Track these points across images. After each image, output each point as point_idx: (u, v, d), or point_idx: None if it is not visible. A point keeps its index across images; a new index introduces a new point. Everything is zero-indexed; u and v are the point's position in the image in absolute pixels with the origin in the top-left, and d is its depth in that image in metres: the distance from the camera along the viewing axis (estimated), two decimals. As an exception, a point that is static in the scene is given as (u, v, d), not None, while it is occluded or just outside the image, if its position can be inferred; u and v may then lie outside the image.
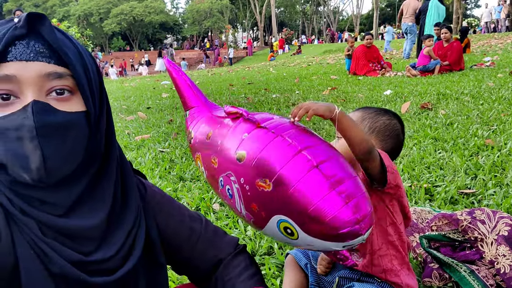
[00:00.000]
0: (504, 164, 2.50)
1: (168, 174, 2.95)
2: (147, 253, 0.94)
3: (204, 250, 1.02)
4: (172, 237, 0.99)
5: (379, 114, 1.37)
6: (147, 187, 1.00)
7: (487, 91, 5.11)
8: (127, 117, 5.64)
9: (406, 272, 1.34)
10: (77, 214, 0.80)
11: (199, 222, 1.04)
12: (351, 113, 1.40)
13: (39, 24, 0.73)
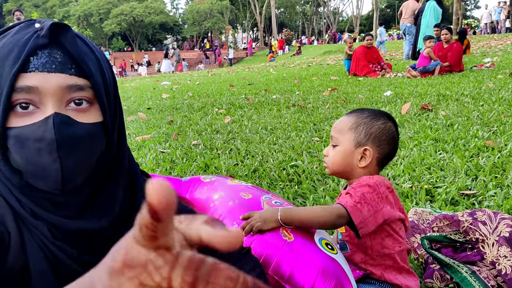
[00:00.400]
0: (505, 165, 2.51)
1: (169, 174, 2.96)
2: None
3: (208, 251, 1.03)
4: None
5: (373, 118, 1.36)
6: None
7: (487, 92, 5.12)
8: (128, 118, 5.65)
9: (404, 275, 1.35)
10: (88, 216, 0.80)
11: None
12: (345, 117, 1.39)
13: (62, 34, 0.73)
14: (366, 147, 1.33)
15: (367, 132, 1.34)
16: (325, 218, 1.21)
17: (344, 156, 1.35)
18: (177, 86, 10.36)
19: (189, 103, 6.64)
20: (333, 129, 1.40)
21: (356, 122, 1.35)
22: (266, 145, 3.52)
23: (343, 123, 1.38)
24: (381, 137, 1.34)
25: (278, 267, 1.14)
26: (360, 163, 1.34)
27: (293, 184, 2.54)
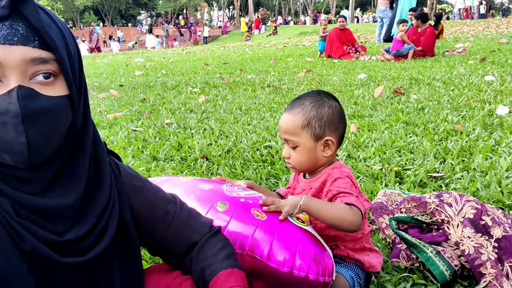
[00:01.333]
0: (472, 149, 2.58)
1: (141, 153, 2.92)
2: (120, 235, 0.93)
3: (178, 232, 1.02)
4: (147, 219, 0.99)
5: (318, 107, 1.33)
6: (121, 169, 0.98)
7: (458, 77, 5.22)
8: (99, 95, 5.53)
9: (367, 253, 1.38)
10: (52, 193, 0.79)
11: (174, 204, 1.04)
12: (289, 115, 1.35)
13: (23, 5, 0.70)
14: (326, 137, 1.32)
15: (320, 124, 1.32)
16: (342, 218, 1.20)
17: (308, 154, 1.34)
18: (151, 64, 10.19)
19: (162, 81, 6.55)
20: (284, 132, 1.35)
21: (306, 119, 1.32)
22: (240, 126, 3.52)
23: (292, 124, 1.33)
24: (333, 121, 1.33)
25: (256, 247, 1.15)
26: (326, 152, 1.34)
27: (266, 165, 2.56)
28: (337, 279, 1.29)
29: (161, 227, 1.01)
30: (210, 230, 1.06)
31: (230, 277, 0.96)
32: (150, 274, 1.08)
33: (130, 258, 0.96)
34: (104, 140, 1.04)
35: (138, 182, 1.01)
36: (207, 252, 1.01)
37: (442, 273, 1.33)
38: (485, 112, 3.41)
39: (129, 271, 0.96)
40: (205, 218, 1.10)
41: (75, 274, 0.85)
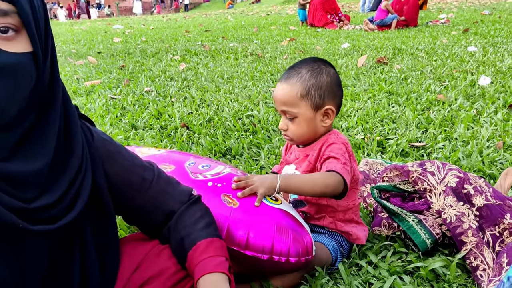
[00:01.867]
0: (454, 119, 2.58)
1: (120, 121, 2.85)
2: (94, 202, 0.89)
3: (156, 200, 0.98)
4: (123, 186, 0.95)
5: (316, 75, 1.27)
6: (94, 134, 0.93)
7: (441, 47, 5.21)
8: (77, 62, 5.37)
9: (354, 225, 1.38)
10: (19, 158, 0.74)
11: (151, 172, 1.00)
12: (286, 85, 1.28)
13: None
14: (326, 106, 1.28)
15: (320, 93, 1.26)
16: (324, 185, 1.16)
17: (308, 125, 1.29)
18: (130, 31, 9.92)
19: (142, 48, 6.38)
20: (281, 103, 1.28)
21: (304, 88, 1.26)
22: (222, 94, 3.45)
23: (290, 95, 1.26)
24: (332, 89, 1.28)
25: (232, 236, 1.10)
26: (325, 122, 1.30)
27: (248, 134, 2.52)
28: (319, 249, 1.28)
29: (138, 194, 0.97)
30: (190, 199, 1.02)
31: (209, 247, 0.93)
32: (127, 243, 1.05)
33: (104, 224, 0.92)
34: (77, 105, 0.98)
35: (113, 147, 0.96)
36: (185, 221, 0.98)
37: (423, 242, 1.33)
38: (467, 82, 3.40)
39: (103, 238, 0.93)
40: (184, 186, 1.06)
41: (47, 242, 0.82)
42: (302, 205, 1.36)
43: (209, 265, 0.90)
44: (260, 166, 2.06)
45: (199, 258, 0.91)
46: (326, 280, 1.23)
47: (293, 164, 1.38)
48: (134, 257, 0.99)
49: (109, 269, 0.94)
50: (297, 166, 1.37)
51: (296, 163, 1.37)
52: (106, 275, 0.94)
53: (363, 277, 1.26)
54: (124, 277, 0.97)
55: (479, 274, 1.23)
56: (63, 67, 5.07)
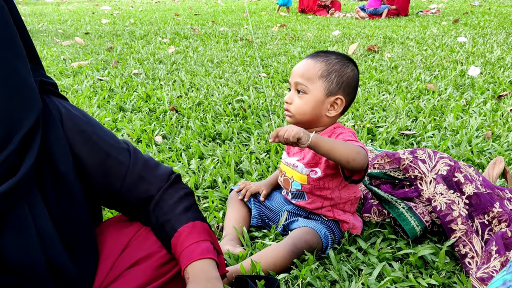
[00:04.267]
0: (443, 108, 2.59)
1: (107, 103, 2.80)
2: (56, 186, 0.83)
3: (133, 185, 0.93)
4: (96, 170, 0.89)
5: (343, 65, 1.29)
6: (63, 110, 0.86)
7: (431, 37, 5.22)
8: (63, 42, 5.26)
9: (350, 215, 1.38)
10: None
11: (127, 154, 0.94)
12: (311, 61, 1.28)
13: None
14: (338, 96, 1.28)
15: (339, 81, 1.27)
16: (356, 151, 1.15)
17: (314, 105, 1.27)
18: (118, 12, 9.75)
19: (130, 30, 6.28)
20: (299, 75, 1.28)
21: (327, 70, 1.27)
22: (211, 79, 3.42)
23: (311, 70, 1.27)
24: (350, 85, 1.30)
25: None
26: (330, 112, 1.29)
27: (238, 119, 2.49)
28: (310, 235, 1.27)
29: (113, 178, 0.91)
30: (168, 180, 0.97)
31: (192, 232, 0.90)
32: (111, 225, 1.01)
33: (70, 209, 0.86)
34: (54, 82, 0.91)
35: (88, 127, 0.89)
36: (163, 207, 0.93)
37: (413, 229, 1.33)
38: (457, 72, 3.42)
39: (69, 226, 0.86)
40: (163, 166, 1.00)
41: None
42: (302, 198, 1.36)
43: (194, 252, 0.87)
44: (250, 151, 2.05)
45: (183, 245, 0.88)
46: (316, 266, 1.22)
47: (295, 156, 1.38)
48: (119, 239, 0.96)
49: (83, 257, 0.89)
50: (299, 158, 1.36)
51: (299, 155, 1.36)
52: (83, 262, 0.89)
53: (352, 263, 1.26)
54: (110, 259, 0.93)
55: (468, 262, 1.23)
56: (50, 47, 4.97)
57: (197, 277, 0.85)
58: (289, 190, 1.41)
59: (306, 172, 1.34)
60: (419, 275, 1.21)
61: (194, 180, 1.77)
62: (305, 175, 1.34)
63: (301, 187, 1.36)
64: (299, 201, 1.38)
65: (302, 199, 1.37)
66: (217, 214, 1.53)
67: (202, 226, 0.93)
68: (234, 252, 1.28)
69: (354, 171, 1.21)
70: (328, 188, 1.34)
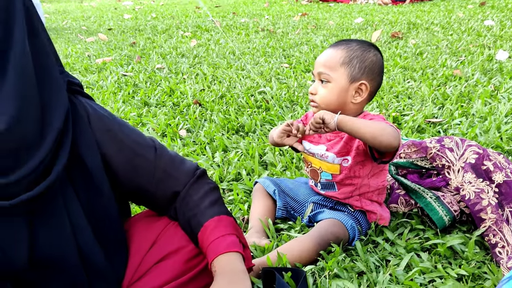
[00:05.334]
0: (471, 95, 2.53)
1: (132, 98, 2.84)
2: (84, 182, 0.85)
3: (159, 181, 0.94)
4: (123, 167, 0.91)
5: (364, 50, 1.29)
6: (90, 110, 0.88)
7: (457, 22, 5.08)
8: (87, 39, 5.34)
9: (378, 205, 1.37)
10: None
11: (153, 151, 0.95)
12: (332, 50, 1.30)
13: None
14: (362, 81, 1.28)
15: (361, 66, 1.27)
16: (381, 128, 1.15)
17: (339, 93, 1.28)
18: (140, 7, 9.83)
19: (152, 25, 6.33)
20: (321, 65, 1.30)
21: (348, 56, 1.28)
22: (233, 71, 3.42)
23: (333, 58, 1.28)
24: (374, 69, 1.29)
25: None
26: (355, 98, 1.29)
27: (261, 111, 2.49)
28: (337, 227, 1.27)
29: (142, 177, 0.93)
30: (193, 176, 0.98)
31: (218, 226, 0.91)
32: (140, 220, 1.03)
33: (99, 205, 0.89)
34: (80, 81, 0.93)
35: (114, 126, 0.91)
36: (189, 203, 0.95)
37: (441, 219, 1.31)
38: (485, 57, 3.32)
39: (100, 218, 0.89)
40: (188, 162, 1.01)
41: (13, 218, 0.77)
42: (332, 188, 1.35)
43: (221, 246, 0.88)
44: (274, 143, 2.04)
45: (209, 239, 0.90)
46: (342, 257, 1.22)
47: (323, 145, 1.37)
48: (148, 234, 0.98)
49: (113, 251, 0.92)
50: (328, 147, 1.35)
51: (327, 145, 1.36)
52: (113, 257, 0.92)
53: (379, 254, 1.25)
54: (139, 254, 0.95)
55: (498, 251, 1.21)
56: (74, 44, 5.05)
57: (224, 270, 0.86)
58: (318, 180, 1.40)
59: (339, 162, 1.33)
60: (448, 266, 1.20)
61: (219, 173, 1.78)
62: (338, 165, 1.33)
63: (331, 177, 1.35)
64: (328, 192, 1.38)
65: (332, 189, 1.37)
66: (242, 206, 1.54)
67: (228, 220, 0.94)
68: (260, 244, 1.28)
69: (384, 152, 1.21)
70: (359, 176, 1.33)
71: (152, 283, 0.91)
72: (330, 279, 1.15)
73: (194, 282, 0.93)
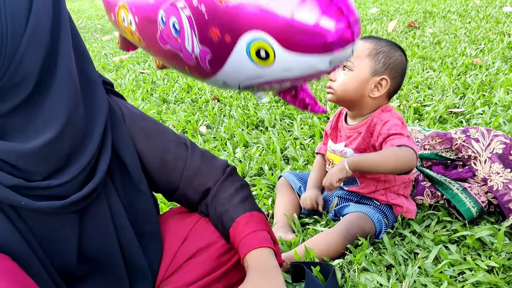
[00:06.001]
0: (492, 83, 2.49)
1: (151, 96, 2.86)
2: (122, 179, 0.88)
3: (191, 177, 0.96)
4: (157, 164, 0.93)
5: (392, 48, 1.31)
6: (124, 109, 0.91)
7: (474, 9, 4.99)
8: (103, 37, 5.39)
9: (404, 198, 1.37)
10: (12, 137, 0.72)
11: (185, 148, 0.97)
12: (361, 41, 1.30)
13: None
14: (384, 76, 1.28)
15: (386, 62, 1.28)
16: (395, 159, 1.17)
17: (358, 83, 1.28)
18: (153, 4, 9.87)
19: (166, 22, 6.35)
20: None
21: (376, 49, 1.29)
22: (250, 65, 3.41)
23: (360, 48, 1.29)
24: (397, 68, 1.30)
25: None
26: (373, 93, 1.30)
27: (279, 105, 2.49)
28: (363, 220, 1.27)
29: (173, 173, 0.95)
30: (224, 172, 1.00)
31: (250, 222, 0.92)
32: (171, 217, 1.05)
33: (135, 203, 0.91)
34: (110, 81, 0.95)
35: (147, 124, 0.94)
36: (219, 200, 0.96)
37: (468, 210, 1.30)
38: (505, 44, 3.26)
39: (139, 214, 0.92)
40: (219, 159, 1.03)
41: (65, 217, 0.81)
42: (354, 183, 1.35)
43: (253, 241, 0.89)
44: (294, 137, 2.04)
45: (241, 234, 0.91)
46: (370, 251, 1.22)
47: (343, 142, 1.37)
48: (180, 231, 1.00)
49: (149, 247, 0.94)
50: (346, 143, 1.35)
51: (346, 141, 1.36)
52: (150, 253, 0.94)
53: (407, 247, 1.25)
54: (171, 250, 0.97)
55: (528, 242, 1.20)
56: (90, 43, 5.10)
57: (257, 265, 0.87)
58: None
59: None
60: (478, 257, 1.18)
61: (241, 169, 1.79)
62: None
63: (352, 173, 1.35)
64: (351, 187, 1.38)
65: (355, 184, 1.36)
66: (266, 201, 1.54)
67: (259, 216, 0.95)
68: (286, 239, 1.29)
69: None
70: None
71: (185, 279, 0.93)
72: (358, 273, 1.15)
73: (225, 278, 0.95)
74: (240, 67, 0.78)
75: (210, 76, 0.85)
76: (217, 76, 0.83)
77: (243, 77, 0.81)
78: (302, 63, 0.74)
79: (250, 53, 0.74)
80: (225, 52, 0.77)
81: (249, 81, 0.82)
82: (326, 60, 0.74)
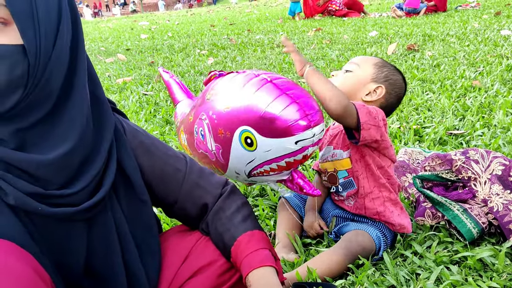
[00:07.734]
0: (491, 105, 2.52)
1: (154, 117, 2.89)
2: (125, 190, 0.91)
3: (189, 191, 0.98)
4: (157, 178, 0.95)
5: (396, 72, 1.42)
6: (125, 125, 0.94)
7: (473, 32, 5.07)
8: (106, 59, 5.47)
9: (398, 212, 1.37)
10: (32, 148, 0.76)
11: (184, 162, 0.99)
12: (374, 58, 1.43)
13: None
14: (381, 85, 1.37)
15: (388, 75, 1.38)
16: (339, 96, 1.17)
17: (355, 82, 1.38)
18: (156, 26, 10.02)
19: (169, 44, 6.44)
20: (353, 63, 1.42)
21: (382, 64, 1.41)
22: (251, 87, 3.45)
23: (369, 58, 1.43)
24: (395, 87, 1.39)
25: None
26: (366, 97, 1.38)
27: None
28: (362, 237, 1.28)
29: (172, 186, 0.97)
30: (223, 191, 1.01)
31: (251, 240, 0.93)
32: (172, 235, 1.06)
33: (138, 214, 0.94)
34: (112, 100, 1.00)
35: (146, 139, 0.97)
36: (222, 218, 0.97)
37: (469, 231, 1.31)
38: (503, 67, 3.31)
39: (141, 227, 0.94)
40: (217, 177, 1.04)
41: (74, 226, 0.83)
42: (352, 186, 1.36)
43: (255, 260, 0.90)
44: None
45: (243, 253, 0.92)
46: (372, 271, 1.23)
47: (331, 146, 1.40)
48: (180, 249, 1.00)
49: (148, 263, 0.95)
50: (334, 146, 1.39)
51: (333, 143, 1.39)
52: (149, 267, 0.95)
53: (409, 267, 1.25)
54: (172, 268, 0.98)
55: (530, 263, 1.20)
56: (94, 64, 5.16)
57: (259, 284, 0.88)
58: (337, 183, 1.40)
59: (347, 155, 1.36)
60: (479, 278, 1.19)
61: (243, 189, 1.80)
62: (347, 158, 1.36)
63: (347, 174, 1.36)
64: (348, 191, 1.37)
65: (352, 187, 1.36)
66: (268, 222, 1.55)
67: (260, 234, 0.96)
68: (289, 259, 1.30)
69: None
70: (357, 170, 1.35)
71: (187, 298, 0.93)
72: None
73: (227, 297, 0.95)
74: (238, 154, 1.12)
75: (225, 168, 1.20)
76: (229, 166, 1.18)
77: (243, 162, 1.14)
78: (275, 145, 1.07)
79: (241, 142, 1.10)
80: (228, 145, 1.13)
81: (248, 165, 1.14)
82: (291, 141, 1.06)
